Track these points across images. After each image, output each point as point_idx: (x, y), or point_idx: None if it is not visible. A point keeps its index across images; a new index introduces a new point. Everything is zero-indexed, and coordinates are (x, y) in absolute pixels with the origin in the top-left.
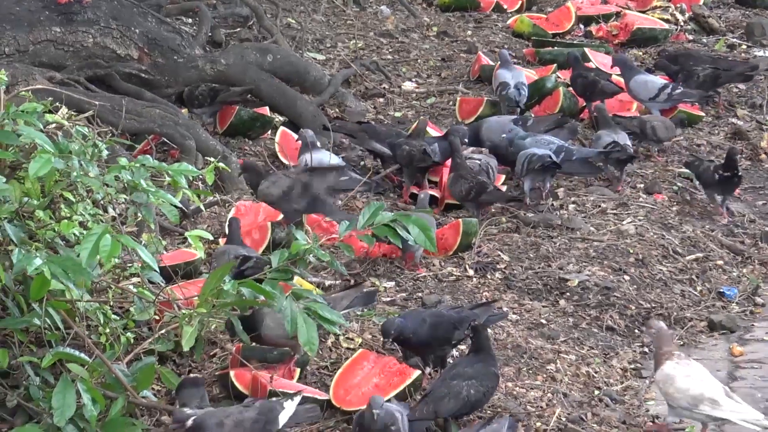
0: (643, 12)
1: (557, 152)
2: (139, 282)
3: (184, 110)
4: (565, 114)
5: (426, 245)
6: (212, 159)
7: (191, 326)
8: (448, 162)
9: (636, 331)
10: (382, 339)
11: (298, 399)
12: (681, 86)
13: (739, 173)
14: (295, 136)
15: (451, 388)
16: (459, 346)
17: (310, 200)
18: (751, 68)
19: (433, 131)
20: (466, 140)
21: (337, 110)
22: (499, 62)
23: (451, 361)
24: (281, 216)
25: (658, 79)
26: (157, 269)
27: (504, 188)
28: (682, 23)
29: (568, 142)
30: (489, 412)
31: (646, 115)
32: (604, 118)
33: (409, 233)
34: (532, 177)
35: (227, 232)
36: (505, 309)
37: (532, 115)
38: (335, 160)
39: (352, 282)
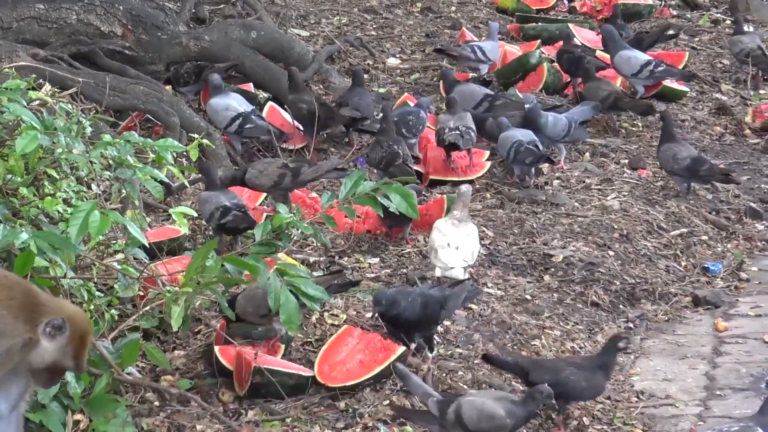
0: None
1: (569, 128)
2: (123, 259)
3: (168, 87)
4: (549, 90)
5: (408, 213)
6: (196, 135)
7: (178, 306)
8: (432, 139)
9: (621, 306)
10: (373, 310)
11: None
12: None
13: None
14: (283, 112)
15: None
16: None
17: (299, 184)
18: None
19: (411, 103)
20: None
21: (321, 86)
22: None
23: (437, 340)
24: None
25: (642, 55)
26: (146, 243)
27: (488, 165)
28: None
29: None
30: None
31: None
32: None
33: (391, 202)
34: (521, 166)
35: (205, 178)
36: (488, 284)
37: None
38: (244, 104)
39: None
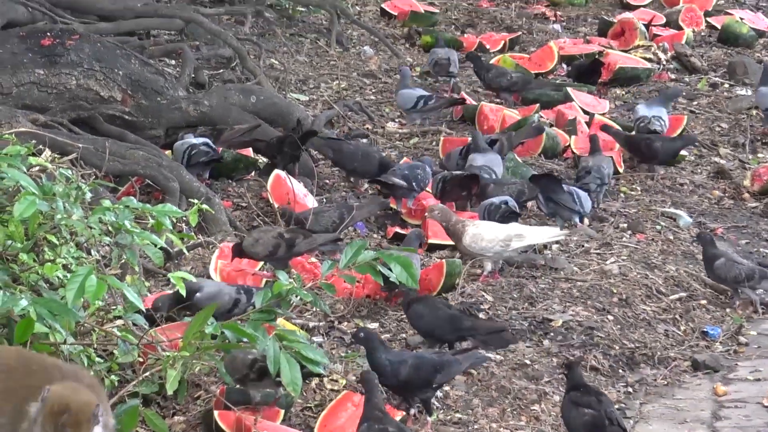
0: (626, 51)
1: (519, 195)
2: (122, 324)
3: (168, 152)
4: (548, 154)
5: (408, 282)
6: (196, 201)
7: (175, 369)
8: (428, 202)
9: (620, 371)
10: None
11: None
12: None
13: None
14: (289, 182)
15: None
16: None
17: (294, 254)
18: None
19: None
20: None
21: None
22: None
23: (437, 405)
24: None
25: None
26: (143, 309)
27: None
28: (664, 62)
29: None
30: None
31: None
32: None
33: (391, 271)
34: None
35: None
36: (487, 354)
37: None
38: (201, 139)
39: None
